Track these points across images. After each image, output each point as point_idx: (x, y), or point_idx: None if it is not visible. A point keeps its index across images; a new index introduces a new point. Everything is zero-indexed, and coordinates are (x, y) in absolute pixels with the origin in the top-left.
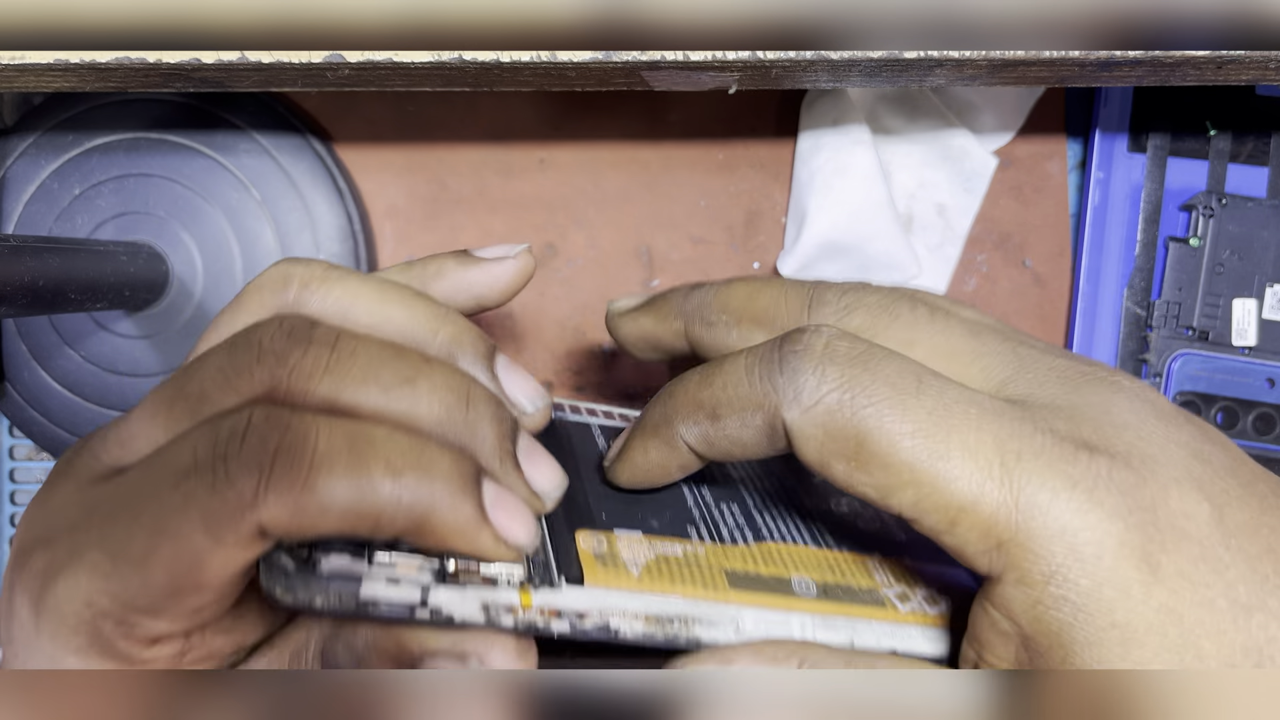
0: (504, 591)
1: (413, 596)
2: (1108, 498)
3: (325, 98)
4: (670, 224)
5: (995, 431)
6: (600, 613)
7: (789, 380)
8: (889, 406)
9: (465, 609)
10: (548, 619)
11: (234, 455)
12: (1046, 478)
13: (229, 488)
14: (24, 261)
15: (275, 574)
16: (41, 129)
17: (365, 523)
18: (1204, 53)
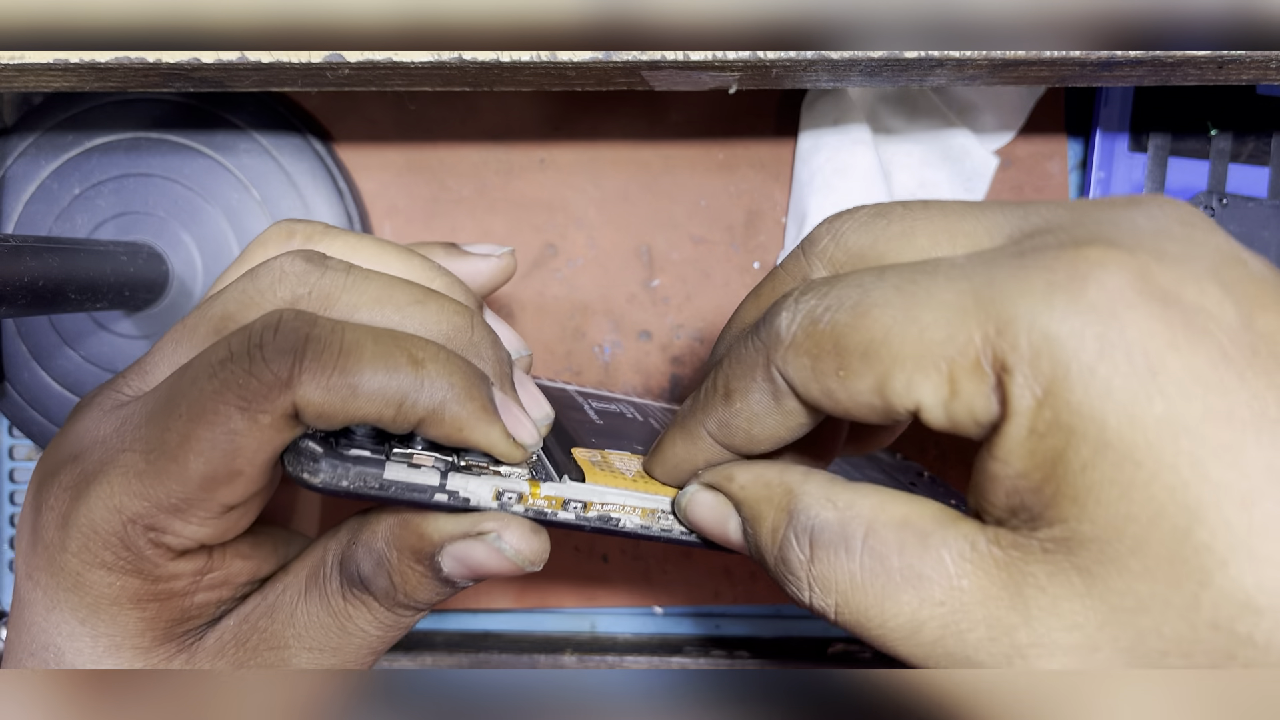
0: (514, 481)
1: (432, 480)
2: (1100, 295)
3: (325, 97)
4: (670, 224)
5: (972, 273)
6: (602, 504)
7: (769, 327)
8: (855, 298)
9: (480, 493)
10: (555, 508)
11: (269, 342)
12: (1026, 288)
13: (265, 369)
14: (24, 261)
15: (303, 458)
16: (41, 129)
17: (389, 408)
18: (1205, 52)
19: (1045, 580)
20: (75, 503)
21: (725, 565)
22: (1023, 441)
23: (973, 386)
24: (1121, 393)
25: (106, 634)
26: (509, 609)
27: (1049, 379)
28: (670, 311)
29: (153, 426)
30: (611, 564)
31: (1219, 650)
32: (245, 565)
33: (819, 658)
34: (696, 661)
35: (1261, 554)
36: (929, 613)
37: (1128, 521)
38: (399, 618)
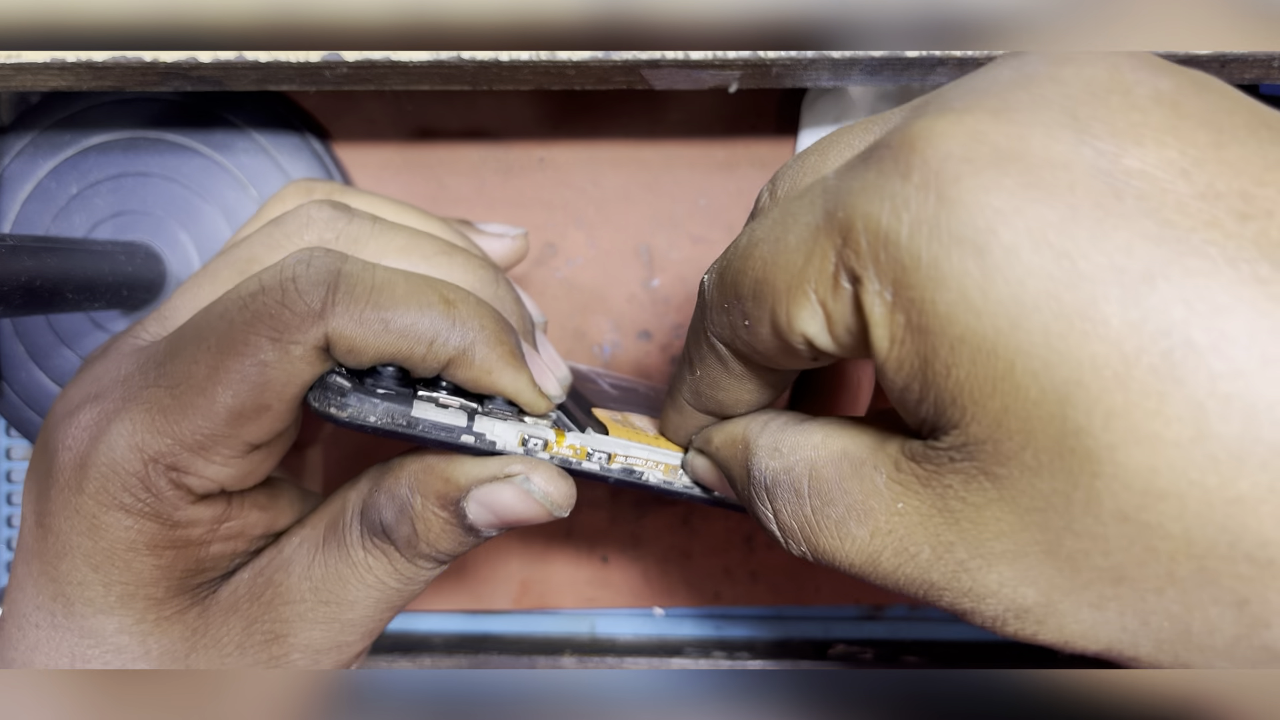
0: (540, 428)
1: (459, 421)
2: (924, 174)
3: (324, 96)
4: (670, 223)
5: (827, 186)
6: (626, 457)
7: (699, 294)
8: (744, 241)
9: (506, 438)
10: (580, 458)
11: (302, 275)
12: (860, 186)
13: (299, 300)
14: (21, 261)
15: (330, 393)
16: (39, 128)
17: (420, 345)
18: (1207, 51)
19: (962, 490)
20: (95, 441)
21: (725, 566)
22: (889, 353)
23: (839, 306)
24: (958, 280)
25: (119, 582)
26: (508, 610)
27: (893, 280)
28: (670, 311)
29: (179, 361)
30: (611, 565)
31: (1138, 544)
32: (261, 517)
33: (820, 659)
34: (696, 663)
35: (1147, 431)
36: (881, 542)
37: (1005, 416)
38: (418, 570)
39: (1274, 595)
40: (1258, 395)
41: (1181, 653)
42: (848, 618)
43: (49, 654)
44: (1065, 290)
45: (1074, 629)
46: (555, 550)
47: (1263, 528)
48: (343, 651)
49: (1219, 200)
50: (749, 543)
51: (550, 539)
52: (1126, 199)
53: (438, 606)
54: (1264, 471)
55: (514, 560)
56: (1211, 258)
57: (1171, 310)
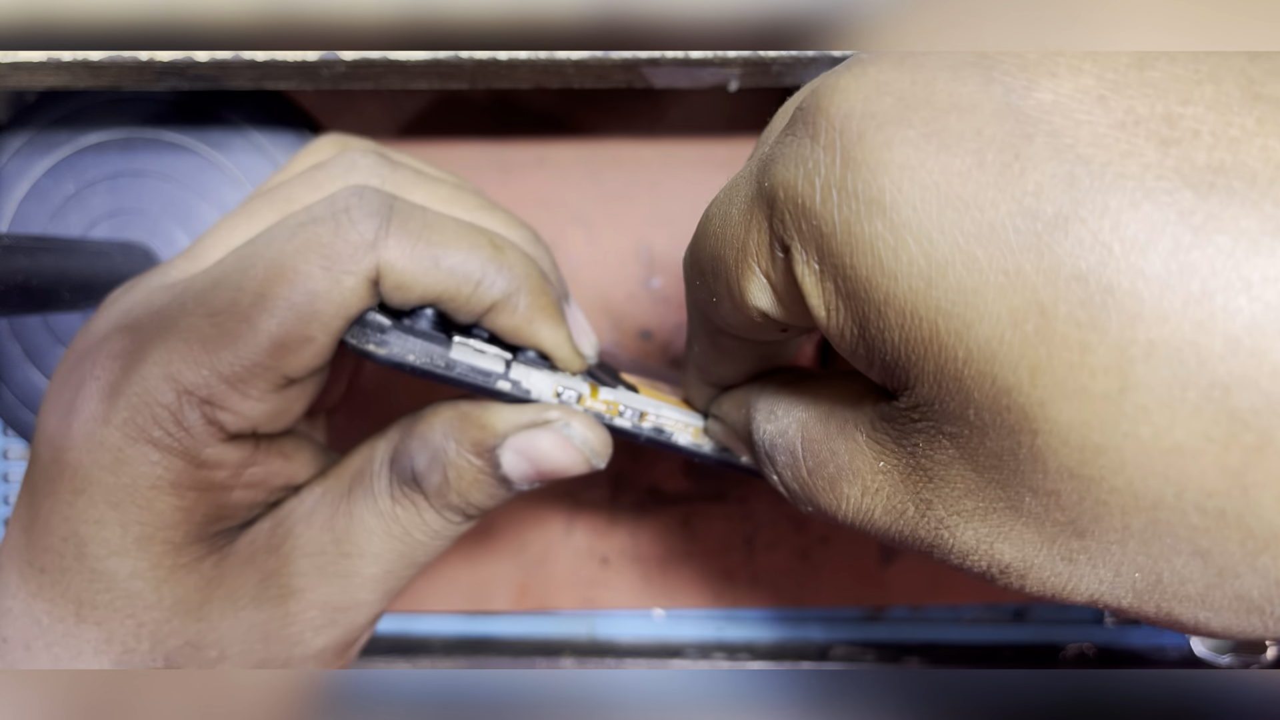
0: (574, 381)
1: (497, 366)
2: (829, 134)
3: (322, 94)
4: (671, 222)
5: (762, 155)
6: (658, 416)
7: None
8: (702, 218)
9: (541, 387)
10: (612, 413)
11: (355, 206)
12: (779, 153)
13: (352, 229)
14: (17, 261)
15: (370, 330)
16: (35, 127)
17: (466, 286)
18: None
19: (927, 448)
20: (127, 371)
21: (726, 568)
22: (828, 321)
23: (780, 277)
24: (870, 243)
25: (138, 522)
26: (507, 612)
27: (816, 248)
28: (671, 311)
29: (222, 289)
30: (611, 567)
31: (1088, 499)
32: (285, 467)
33: (820, 660)
34: (696, 664)
35: (1074, 386)
36: (870, 500)
37: (941, 377)
38: (446, 523)
39: (1234, 546)
40: (1183, 340)
41: (1162, 603)
42: (848, 619)
43: (51, 600)
44: (975, 244)
45: (1054, 582)
46: (555, 551)
47: (1205, 478)
48: (359, 611)
49: (1139, 126)
50: (749, 544)
51: (550, 540)
52: (1037, 139)
53: (436, 608)
54: (1197, 419)
55: (513, 561)
56: (1129, 192)
57: (1087, 254)
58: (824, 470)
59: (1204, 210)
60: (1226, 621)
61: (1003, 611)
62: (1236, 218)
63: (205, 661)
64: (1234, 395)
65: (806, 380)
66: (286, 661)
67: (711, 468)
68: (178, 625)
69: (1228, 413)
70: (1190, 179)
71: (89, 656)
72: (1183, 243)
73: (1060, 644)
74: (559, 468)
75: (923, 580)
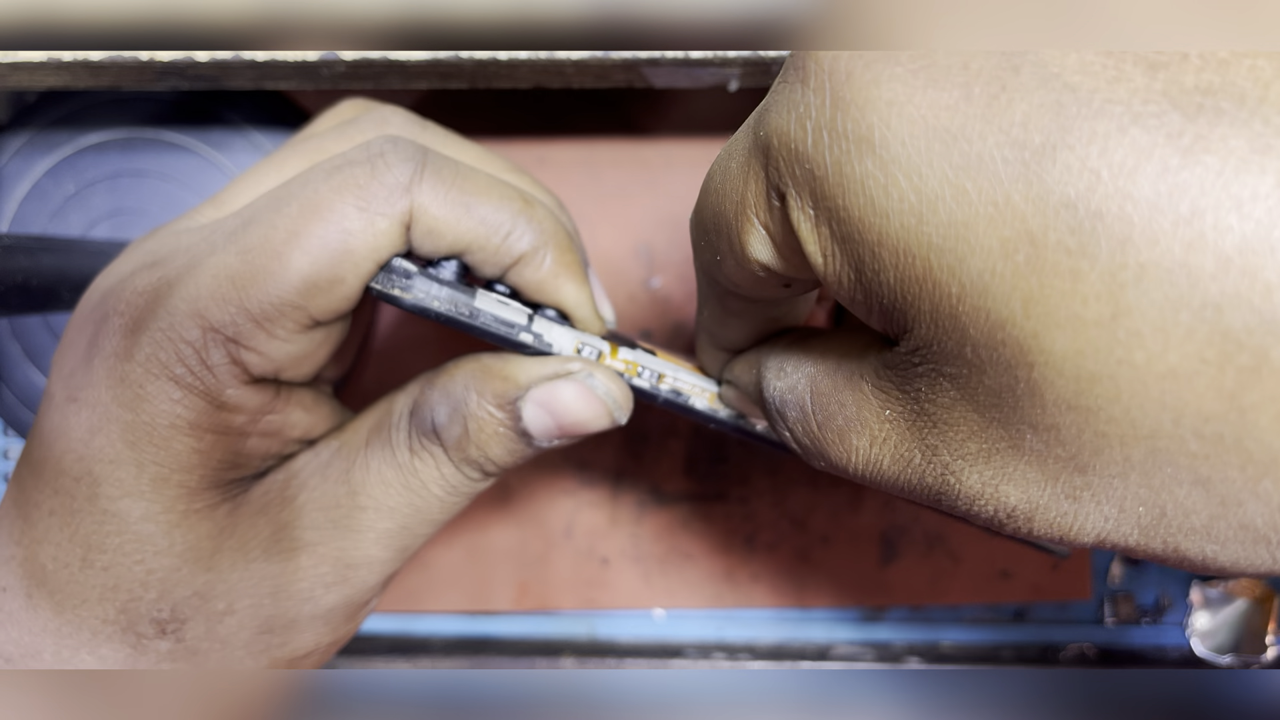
0: (594, 339)
1: (520, 318)
2: (819, 78)
3: (322, 95)
4: (671, 222)
5: (759, 107)
6: (675, 378)
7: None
8: (706, 175)
9: (562, 341)
10: (631, 373)
11: (391, 151)
12: (773, 101)
13: (388, 172)
14: (17, 261)
15: (396, 275)
16: (36, 127)
17: (496, 236)
18: None
19: (929, 392)
20: (153, 306)
21: (726, 568)
22: (825, 268)
23: (778, 227)
24: (861, 182)
25: (154, 463)
26: (507, 612)
27: (810, 192)
28: (671, 310)
29: (255, 226)
30: (611, 567)
31: (1087, 431)
32: (303, 418)
33: (820, 660)
34: (697, 664)
35: (1066, 314)
36: (878, 449)
37: (937, 315)
38: (464, 478)
39: (1234, 472)
40: (1174, 261)
41: (1168, 538)
42: (849, 619)
43: (58, 544)
44: (964, 176)
45: (1061, 523)
46: (555, 551)
47: (1202, 402)
48: (371, 569)
49: (1126, 52)
50: (750, 544)
51: (550, 540)
52: (1023, 70)
53: (437, 608)
54: (1191, 341)
55: (513, 561)
56: (1116, 117)
57: (1075, 181)
58: (833, 423)
59: (1192, 131)
60: (1234, 554)
61: (1003, 611)
62: (1225, 137)
63: (212, 614)
64: (1227, 315)
65: (814, 336)
66: (294, 619)
67: (710, 467)
68: (187, 574)
69: (1221, 333)
70: (1178, 101)
71: (93, 604)
72: (1171, 165)
73: (1060, 644)
74: (581, 420)
75: (923, 580)
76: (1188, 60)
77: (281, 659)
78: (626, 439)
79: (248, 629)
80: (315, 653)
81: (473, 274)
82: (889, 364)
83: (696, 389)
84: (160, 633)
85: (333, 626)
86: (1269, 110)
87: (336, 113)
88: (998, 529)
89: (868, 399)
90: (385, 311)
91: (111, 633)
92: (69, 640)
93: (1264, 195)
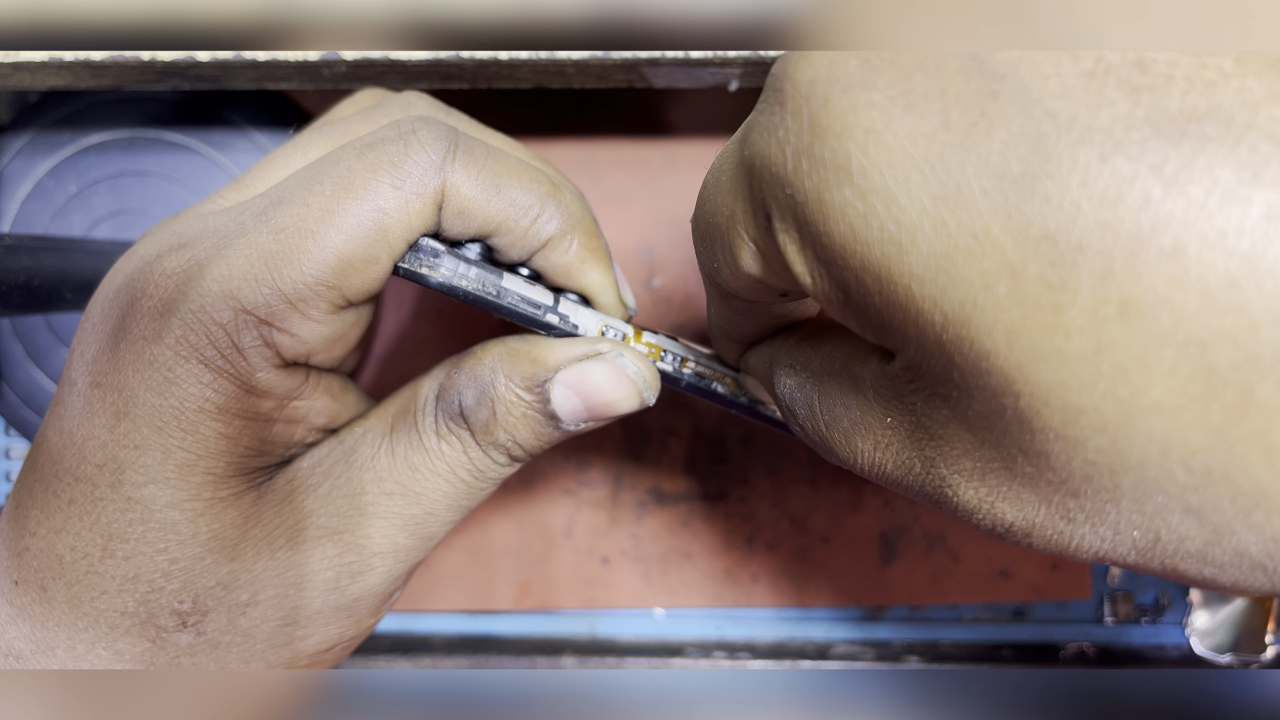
0: (619, 322)
1: (547, 299)
2: (795, 102)
3: (323, 95)
4: (672, 222)
5: (745, 124)
6: (696, 363)
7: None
8: (702, 183)
9: (588, 323)
10: (655, 356)
11: (423, 130)
12: (755, 121)
13: (422, 151)
14: (19, 260)
15: (424, 255)
16: (37, 127)
17: (525, 218)
18: None
19: (925, 408)
20: (184, 287)
21: (726, 567)
22: (814, 287)
23: (766, 244)
24: (842, 210)
25: (181, 448)
26: (508, 611)
27: (793, 216)
28: (672, 311)
29: (287, 205)
30: (611, 566)
31: (1076, 459)
32: (329, 405)
33: (820, 660)
34: (697, 663)
35: (1049, 348)
36: (881, 454)
37: (923, 341)
38: (492, 463)
39: (1225, 504)
40: (1157, 297)
41: (1165, 560)
42: (849, 619)
43: (77, 534)
44: (943, 207)
45: (1058, 540)
46: (556, 551)
47: (1188, 436)
48: (399, 557)
49: (1109, 75)
50: (750, 544)
51: (551, 539)
52: (1003, 95)
53: (437, 607)
54: (1175, 377)
55: (515, 561)
56: (1097, 145)
57: (1054, 213)
58: (839, 424)
59: (1176, 160)
60: (1233, 577)
61: (1003, 611)
62: (1210, 166)
63: (235, 605)
64: (1211, 351)
65: (824, 334)
66: (319, 610)
67: (710, 467)
68: (210, 564)
69: (1206, 369)
70: (1162, 127)
71: (112, 595)
72: (1153, 196)
73: (1060, 644)
74: (610, 401)
75: (923, 580)
76: (1172, 82)
77: (304, 653)
78: (627, 439)
79: (271, 621)
80: (338, 647)
81: (496, 257)
82: (888, 375)
83: (719, 374)
84: (181, 625)
85: (356, 619)
86: (1256, 136)
87: (355, 100)
88: (1000, 538)
89: (870, 404)
90: (385, 312)
91: (130, 625)
92: (85, 634)
93: (1249, 229)
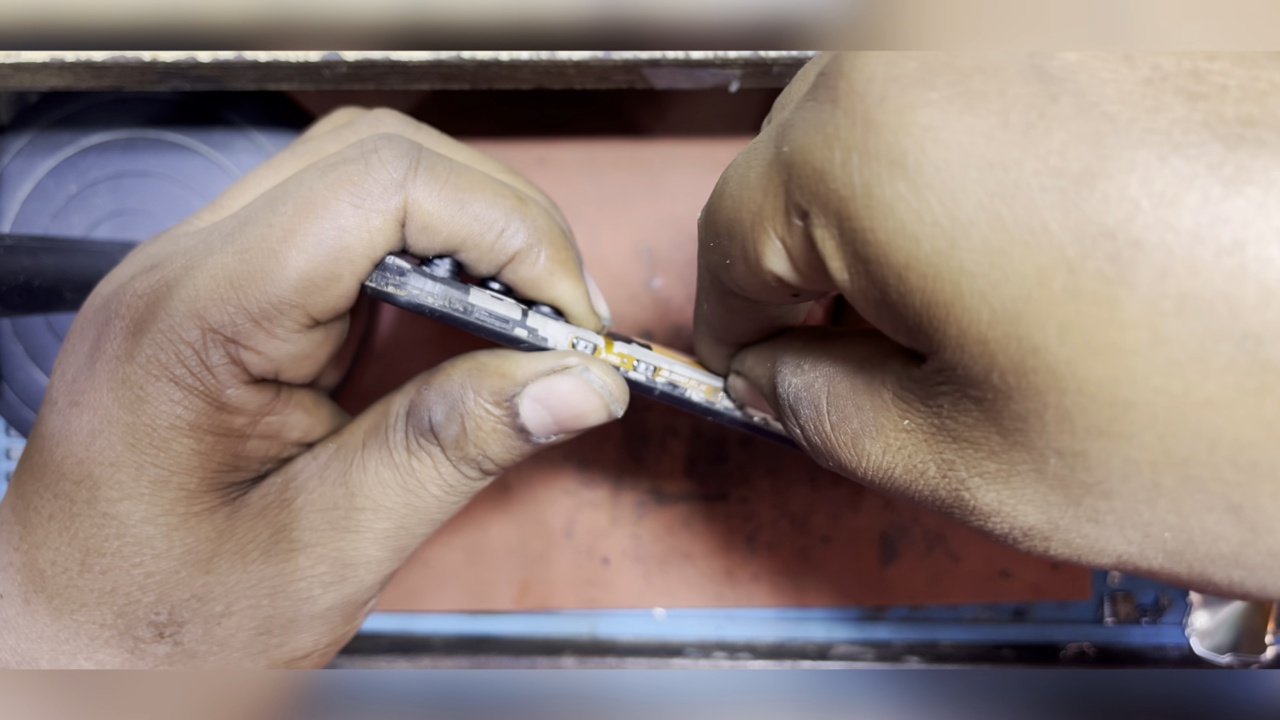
0: (589, 334)
1: (514, 313)
2: (850, 100)
3: (323, 95)
4: (672, 223)
5: (779, 121)
6: (670, 372)
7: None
8: (720, 180)
9: (557, 336)
10: (627, 366)
11: (386, 148)
12: (798, 118)
13: (383, 169)
14: (19, 261)
15: (390, 273)
16: (38, 127)
17: (490, 233)
18: None
19: (952, 410)
20: (153, 308)
21: (726, 567)
22: (850, 286)
23: (797, 243)
24: (892, 205)
25: (154, 465)
26: (508, 611)
27: (835, 213)
28: (672, 312)
29: (252, 226)
30: (611, 566)
31: (1116, 458)
32: (302, 420)
33: (820, 660)
34: (697, 664)
35: (1103, 342)
36: (892, 457)
37: (965, 340)
38: (463, 477)
39: (1267, 500)
40: (1215, 291)
41: (1194, 563)
42: (849, 619)
43: (56, 549)
44: (1000, 203)
45: (1080, 544)
46: (555, 551)
47: (1239, 431)
48: (369, 568)
49: (1165, 83)
50: (750, 544)
51: (551, 539)
52: (1062, 98)
53: (438, 607)
54: (1230, 371)
55: (514, 560)
56: (1156, 147)
57: (1114, 209)
58: (847, 426)
59: (1233, 162)
60: (1262, 580)
61: (1003, 611)
62: (1267, 169)
63: (210, 616)
64: (1268, 346)
65: (836, 336)
66: (293, 619)
67: (711, 467)
68: (185, 577)
69: (1262, 364)
70: (1219, 132)
71: (91, 608)
72: (1212, 195)
73: (1060, 643)
74: (578, 414)
75: (922, 580)
76: (1227, 91)
77: (280, 660)
78: (627, 439)
79: (246, 630)
80: (314, 653)
81: (466, 272)
82: (913, 377)
83: (693, 382)
84: (158, 636)
85: (331, 627)
86: None
87: (331, 119)
88: (1010, 545)
89: (887, 407)
90: (385, 313)
91: (109, 637)
92: (66, 646)
93: None
